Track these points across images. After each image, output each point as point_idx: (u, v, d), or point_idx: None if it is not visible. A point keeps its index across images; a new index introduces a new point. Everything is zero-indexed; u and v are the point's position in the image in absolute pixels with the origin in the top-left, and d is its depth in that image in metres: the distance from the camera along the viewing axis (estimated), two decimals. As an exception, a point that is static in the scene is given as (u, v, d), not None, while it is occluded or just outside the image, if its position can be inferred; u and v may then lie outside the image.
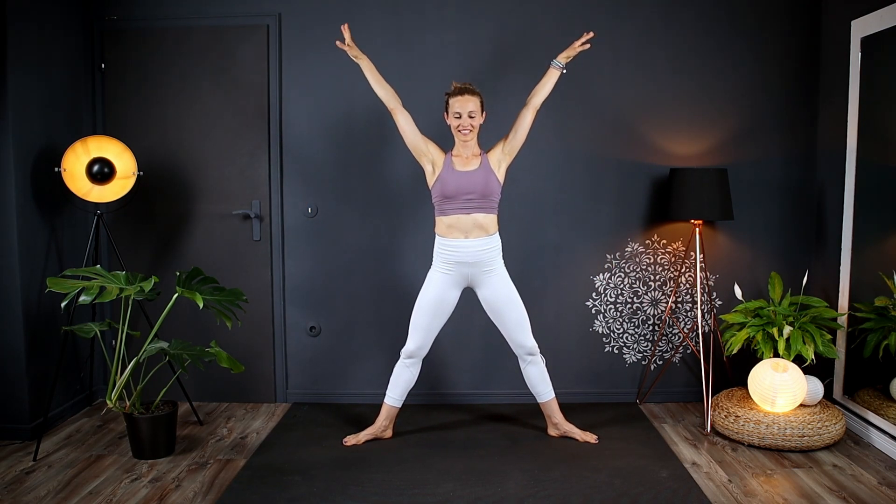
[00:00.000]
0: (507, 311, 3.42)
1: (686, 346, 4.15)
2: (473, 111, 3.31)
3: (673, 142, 4.04)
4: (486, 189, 3.33)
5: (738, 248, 4.10)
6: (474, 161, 3.38)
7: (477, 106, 3.33)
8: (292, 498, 2.94)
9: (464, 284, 3.45)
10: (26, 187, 3.57)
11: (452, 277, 3.40)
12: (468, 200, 3.32)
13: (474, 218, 3.33)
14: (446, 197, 3.33)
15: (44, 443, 3.54)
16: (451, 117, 3.35)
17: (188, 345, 3.44)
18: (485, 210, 3.34)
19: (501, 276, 3.42)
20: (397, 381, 3.51)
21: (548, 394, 3.54)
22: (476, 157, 3.40)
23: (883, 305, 3.52)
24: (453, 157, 3.40)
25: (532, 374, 3.50)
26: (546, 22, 3.99)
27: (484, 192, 3.33)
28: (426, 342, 3.46)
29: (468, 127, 3.32)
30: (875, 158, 3.59)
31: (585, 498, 2.93)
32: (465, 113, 3.30)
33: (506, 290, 3.42)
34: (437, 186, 3.36)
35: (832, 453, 3.39)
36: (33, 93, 3.63)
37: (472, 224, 3.33)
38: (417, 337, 3.44)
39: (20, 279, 3.53)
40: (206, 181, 4.08)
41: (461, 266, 3.37)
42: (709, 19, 3.99)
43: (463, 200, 3.32)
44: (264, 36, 4.00)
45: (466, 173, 3.33)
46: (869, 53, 3.57)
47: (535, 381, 3.52)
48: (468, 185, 3.31)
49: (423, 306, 3.42)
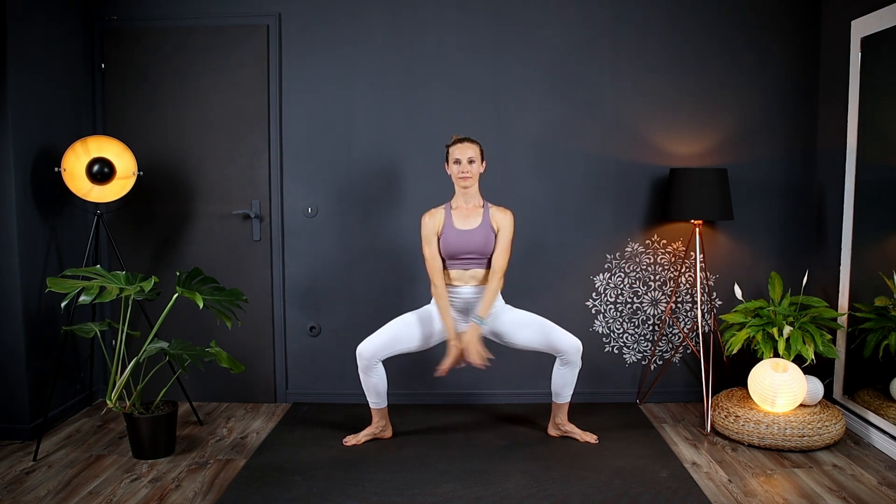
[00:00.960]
0: (524, 330, 3.40)
1: (686, 346, 4.15)
2: (473, 158, 3.32)
3: (673, 142, 4.04)
4: (485, 248, 3.35)
5: (738, 248, 4.10)
6: (475, 216, 3.38)
7: (476, 153, 3.34)
8: (292, 498, 2.94)
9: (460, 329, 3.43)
10: (26, 187, 3.58)
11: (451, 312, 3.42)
12: (467, 259, 3.36)
13: (473, 273, 3.38)
14: (448, 256, 3.37)
15: (44, 443, 3.54)
16: (451, 165, 3.36)
17: (188, 345, 3.44)
18: (481, 266, 3.38)
19: (506, 311, 3.44)
20: (368, 388, 3.46)
21: (567, 397, 3.53)
22: (478, 208, 3.40)
23: (883, 305, 3.52)
24: (453, 210, 3.40)
25: (565, 375, 3.43)
26: (546, 22, 3.99)
27: (483, 251, 3.35)
28: (383, 349, 3.37)
29: (468, 173, 3.32)
30: (875, 158, 3.59)
31: (585, 498, 2.93)
32: (464, 159, 3.31)
33: (513, 315, 3.41)
34: (441, 245, 3.37)
35: (832, 453, 3.39)
36: (33, 93, 3.63)
37: (470, 276, 3.38)
38: (381, 338, 3.37)
39: (20, 279, 3.53)
40: (206, 181, 4.08)
41: (459, 311, 3.41)
42: (709, 19, 3.99)
43: (462, 259, 3.35)
44: (264, 36, 4.00)
45: (466, 232, 3.34)
46: (869, 53, 3.57)
47: (563, 382, 3.46)
48: (468, 245, 3.33)
49: (409, 317, 3.44)
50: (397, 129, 4.04)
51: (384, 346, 3.39)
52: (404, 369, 4.05)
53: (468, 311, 3.41)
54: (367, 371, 3.41)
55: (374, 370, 3.41)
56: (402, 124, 4.03)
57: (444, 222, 3.37)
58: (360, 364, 3.40)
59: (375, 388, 3.46)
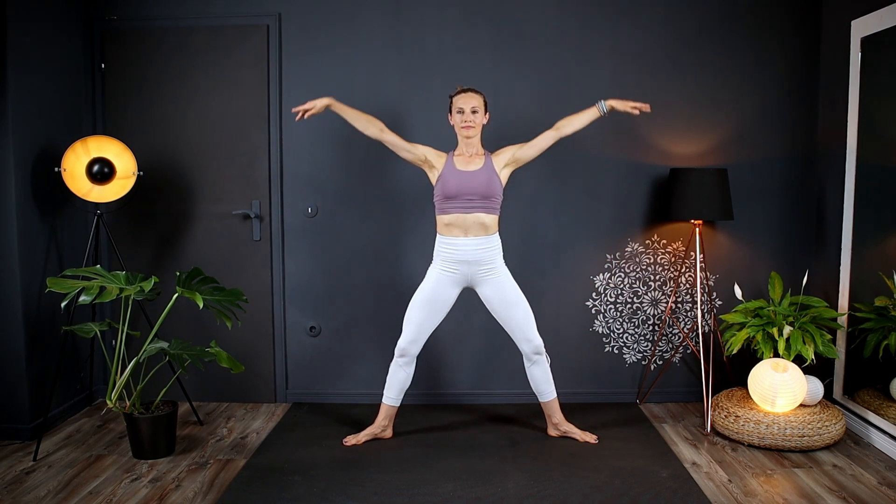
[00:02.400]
0: (510, 310, 3.42)
1: (686, 346, 4.15)
2: (476, 107, 3.34)
3: (673, 142, 4.04)
4: (487, 190, 3.33)
5: (738, 248, 4.10)
6: (477, 161, 3.39)
7: (480, 103, 3.36)
8: (292, 498, 2.94)
9: (463, 284, 3.45)
10: (26, 187, 3.57)
11: (451, 276, 3.40)
12: (469, 200, 3.33)
13: (476, 216, 3.34)
14: (447, 196, 3.34)
15: (44, 443, 3.54)
16: (454, 115, 3.39)
17: (188, 345, 3.44)
18: (486, 210, 3.35)
19: (502, 274, 3.42)
20: (392, 381, 3.51)
21: (550, 394, 3.55)
22: (479, 156, 3.41)
23: (883, 305, 3.52)
24: (455, 156, 3.41)
25: (536, 373, 3.50)
26: (546, 22, 3.99)
27: (486, 193, 3.33)
28: (418, 338, 3.45)
29: (471, 122, 3.33)
30: (875, 158, 3.59)
31: (585, 498, 2.93)
32: (467, 109, 3.33)
33: (508, 289, 3.42)
34: (439, 185, 3.36)
35: (832, 453, 3.39)
36: (33, 93, 3.63)
37: (472, 222, 3.34)
38: (409, 332, 3.44)
39: (20, 279, 3.53)
40: (206, 181, 4.08)
41: (460, 265, 3.37)
42: (709, 19, 3.99)
43: (464, 200, 3.33)
44: (264, 36, 4.00)
45: (468, 173, 3.34)
46: (869, 53, 3.57)
47: (539, 381, 3.52)
48: (470, 185, 3.32)
49: (419, 301, 3.43)
50: (397, 128, 4.03)
51: (417, 335, 3.44)
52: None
53: (478, 265, 3.37)
54: (405, 365, 3.47)
55: (410, 365, 3.49)
56: (402, 124, 4.03)
57: (446, 164, 3.38)
58: (402, 360, 3.46)
59: (402, 385, 3.51)
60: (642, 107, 3.42)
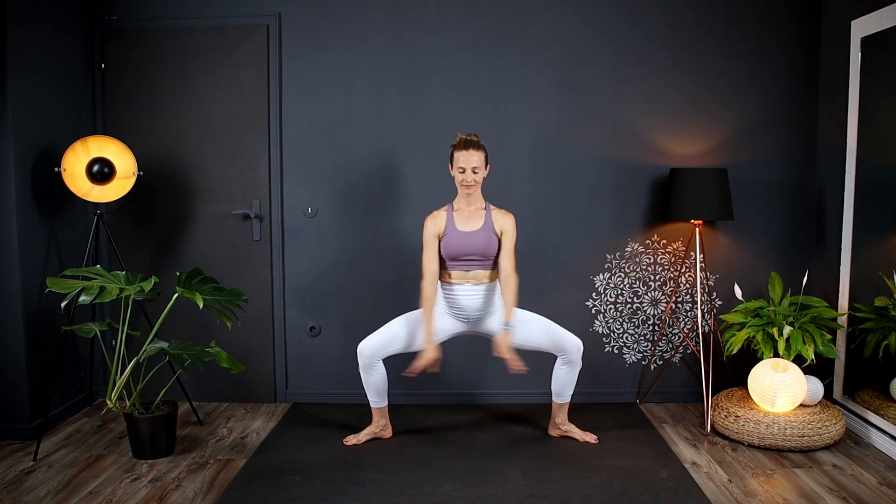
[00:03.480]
0: (526, 328, 3.39)
1: (686, 346, 4.15)
2: (477, 167, 3.31)
3: (673, 142, 4.04)
4: (486, 251, 3.34)
5: (738, 248, 4.10)
6: (477, 218, 3.37)
7: (481, 161, 3.33)
8: (292, 498, 2.94)
9: (463, 326, 3.44)
10: (26, 187, 3.57)
11: (452, 313, 3.42)
12: (469, 261, 3.34)
13: (475, 273, 3.36)
14: (450, 257, 3.35)
15: (44, 443, 3.54)
16: (454, 170, 3.36)
17: (188, 345, 3.44)
18: (484, 267, 3.37)
19: None
20: (368, 387, 3.47)
21: (567, 397, 3.53)
22: (479, 210, 3.39)
23: (883, 305, 3.52)
24: (455, 211, 3.40)
25: (564, 374, 3.45)
26: (546, 22, 3.99)
27: (485, 253, 3.34)
28: (383, 350, 3.39)
29: (471, 182, 3.32)
30: (875, 158, 3.59)
31: (585, 498, 2.93)
32: (468, 168, 3.30)
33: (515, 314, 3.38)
34: (442, 245, 3.36)
35: (832, 453, 3.39)
36: (33, 93, 3.63)
37: (471, 277, 3.37)
38: (380, 339, 3.39)
39: (20, 279, 3.53)
40: (206, 181, 4.08)
41: (461, 309, 3.39)
42: (709, 19, 3.99)
43: (464, 261, 3.34)
44: (264, 36, 4.00)
45: (468, 234, 3.33)
46: (869, 53, 3.57)
47: (563, 382, 3.47)
48: (470, 247, 3.32)
49: (408, 316, 3.43)
50: (397, 129, 4.04)
51: (384, 344, 3.39)
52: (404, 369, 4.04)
53: (470, 309, 3.40)
54: (367, 369, 3.41)
55: (374, 369, 3.41)
56: (402, 124, 4.03)
57: (447, 223, 3.37)
58: (361, 362, 3.41)
59: (376, 387, 3.46)
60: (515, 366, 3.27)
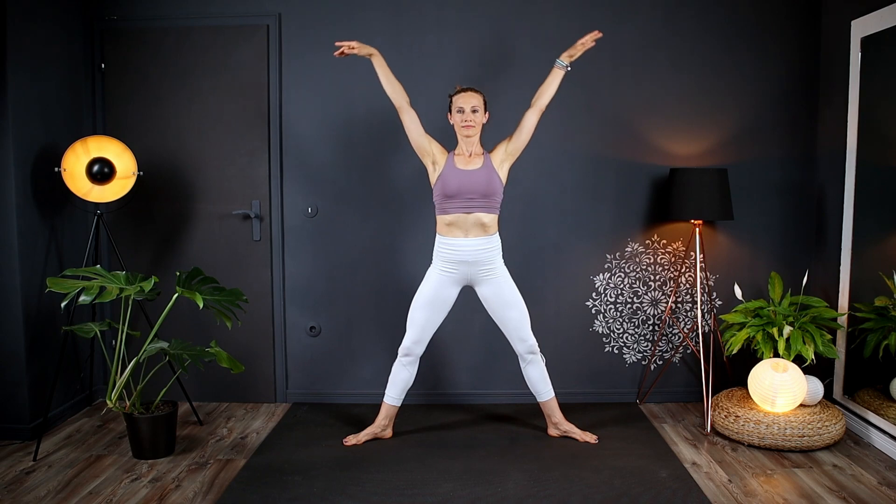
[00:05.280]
0: (507, 311, 3.43)
1: (686, 346, 4.15)
2: (476, 106, 3.35)
3: (673, 142, 4.04)
4: (488, 188, 3.33)
5: (738, 248, 4.10)
6: (477, 160, 3.39)
7: (480, 102, 3.36)
8: (292, 498, 2.94)
9: (463, 283, 3.45)
10: (26, 187, 3.57)
11: (451, 276, 3.40)
12: (470, 199, 3.33)
13: (476, 217, 3.34)
14: (447, 196, 3.34)
15: (44, 443, 3.54)
16: (454, 114, 3.39)
17: (188, 345, 3.44)
18: (487, 210, 3.35)
19: (501, 275, 3.43)
20: (395, 380, 3.51)
21: (547, 393, 3.55)
22: (479, 155, 3.41)
23: (883, 305, 3.52)
24: (455, 155, 3.41)
25: (532, 373, 3.51)
26: (546, 22, 3.99)
27: (486, 192, 3.33)
28: (422, 338, 3.46)
29: (471, 122, 3.34)
30: (875, 158, 3.59)
31: (585, 498, 2.93)
32: (467, 108, 3.33)
33: (506, 290, 3.42)
34: (439, 185, 3.36)
35: (832, 453, 3.39)
36: (33, 93, 3.63)
37: (473, 222, 3.34)
38: (413, 332, 3.45)
39: (20, 279, 3.53)
40: (206, 181, 4.08)
41: (460, 265, 3.38)
42: (709, 19, 3.99)
43: (464, 199, 3.33)
44: (264, 36, 4.00)
45: (468, 172, 3.34)
46: (869, 53, 3.57)
47: (536, 381, 3.52)
48: (470, 184, 3.32)
49: (420, 302, 3.44)
50: (397, 128, 4.03)
51: (421, 335, 3.45)
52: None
53: (478, 266, 3.38)
54: (409, 365, 3.49)
55: (415, 365, 3.50)
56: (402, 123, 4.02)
57: (446, 163, 3.37)
58: (406, 359, 3.48)
59: (404, 384, 3.52)
60: (592, 36, 3.38)
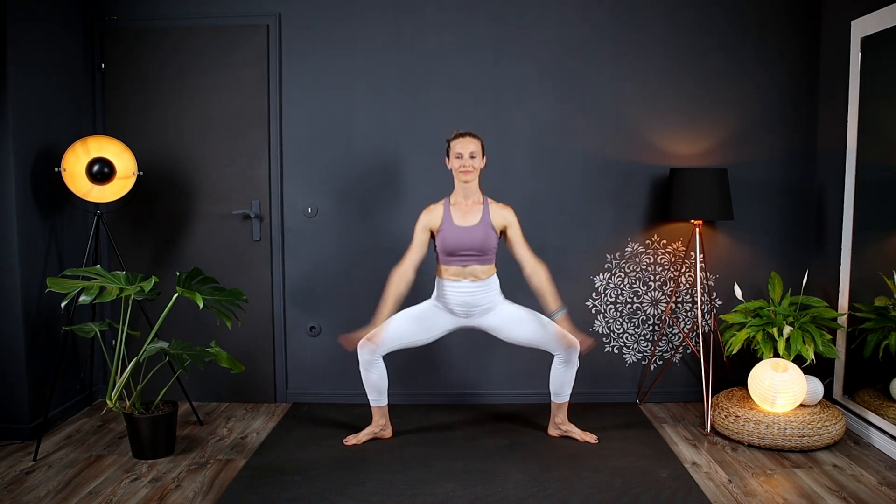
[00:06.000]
0: (522, 326, 3.39)
1: (686, 346, 4.15)
2: (475, 152, 3.30)
3: (673, 142, 4.04)
4: (484, 246, 3.32)
5: (738, 248, 4.10)
6: (474, 212, 3.35)
7: (478, 148, 3.32)
8: (292, 498, 2.94)
9: (460, 322, 3.43)
10: (26, 187, 3.57)
11: (449, 309, 3.41)
12: (466, 256, 3.33)
13: (472, 269, 3.34)
14: (446, 252, 3.34)
15: (44, 443, 3.54)
16: (452, 160, 3.35)
17: (188, 345, 3.44)
18: (481, 262, 3.35)
19: (501, 303, 3.42)
20: (369, 384, 3.46)
21: (565, 396, 3.53)
22: (477, 205, 3.37)
23: (883, 305, 3.52)
24: (452, 206, 3.38)
25: (561, 373, 3.44)
26: (546, 22, 3.99)
27: (482, 249, 3.32)
28: (389, 345, 3.38)
29: (469, 168, 3.30)
30: (875, 158, 3.59)
31: (585, 498, 2.93)
32: (466, 154, 3.30)
33: (512, 311, 3.40)
34: (439, 240, 3.35)
35: (832, 453, 3.39)
36: (33, 93, 3.63)
37: (469, 273, 3.35)
38: (384, 334, 3.36)
39: (20, 279, 3.53)
40: (206, 181, 4.08)
41: (459, 306, 3.38)
42: (709, 19, 3.99)
43: (461, 256, 3.33)
44: (264, 36, 4.00)
45: (465, 229, 3.32)
46: (869, 53, 3.57)
47: (561, 382, 3.47)
48: (467, 242, 3.30)
49: (408, 313, 3.43)
50: (397, 128, 4.04)
51: (391, 342, 3.39)
52: (404, 369, 4.05)
53: (478, 307, 3.38)
54: (367, 367, 3.41)
55: (374, 366, 3.41)
56: (402, 124, 4.03)
57: (443, 218, 3.36)
58: (361, 360, 3.41)
59: (376, 385, 3.45)
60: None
